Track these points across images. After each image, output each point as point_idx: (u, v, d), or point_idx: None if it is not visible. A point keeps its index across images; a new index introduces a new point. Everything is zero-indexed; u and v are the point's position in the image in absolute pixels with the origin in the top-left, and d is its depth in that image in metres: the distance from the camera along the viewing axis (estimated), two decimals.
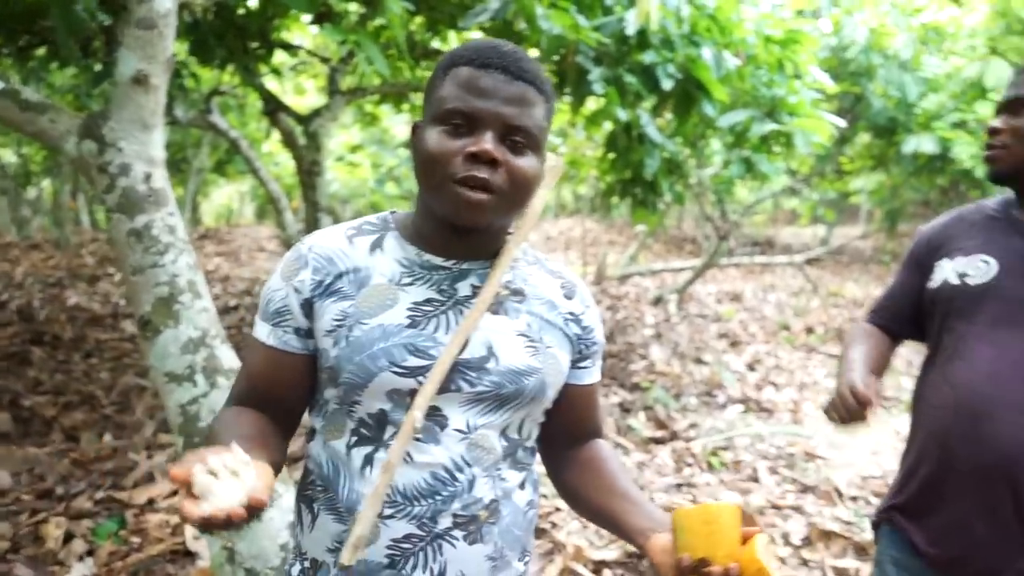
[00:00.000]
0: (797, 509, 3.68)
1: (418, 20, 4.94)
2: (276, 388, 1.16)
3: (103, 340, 5.93)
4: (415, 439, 1.08)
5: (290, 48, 5.86)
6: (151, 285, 2.43)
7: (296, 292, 1.13)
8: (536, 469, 1.24)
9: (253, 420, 1.13)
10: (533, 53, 3.89)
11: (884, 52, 7.43)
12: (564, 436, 1.26)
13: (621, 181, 5.46)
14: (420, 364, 1.07)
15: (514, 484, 1.16)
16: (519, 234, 1.17)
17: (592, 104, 4.88)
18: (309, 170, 5.68)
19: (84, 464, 3.76)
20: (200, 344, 2.44)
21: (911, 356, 6.29)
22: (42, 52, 4.62)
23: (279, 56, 6.31)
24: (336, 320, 1.10)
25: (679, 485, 3.92)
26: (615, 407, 5.10)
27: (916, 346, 1.74)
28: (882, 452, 4.51)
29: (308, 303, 1.12)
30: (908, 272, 1.73)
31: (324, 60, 6.23)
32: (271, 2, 4.31)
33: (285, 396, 1.17)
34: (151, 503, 3.38)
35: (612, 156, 5.16)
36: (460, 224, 1.07)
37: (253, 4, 4.48)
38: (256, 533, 2.24)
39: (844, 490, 3.90)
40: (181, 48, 4.73)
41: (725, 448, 4.49)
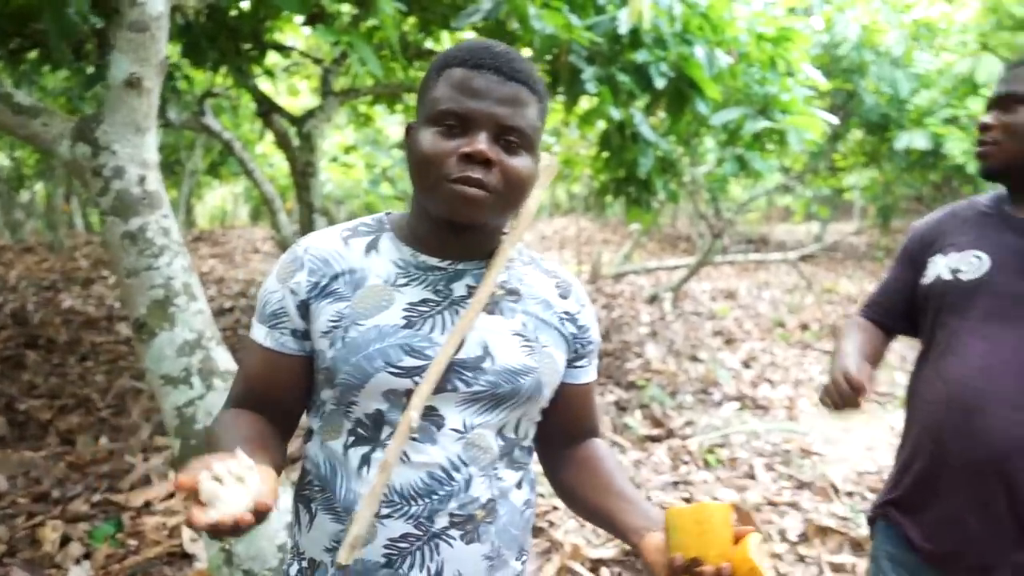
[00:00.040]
0: (793, 505, 3.69)
1: (411, 21, 4.93)
2: (274, 390, 1.17)
3: (98, 343, 5.92)
4: (412, 439, 1.09)
5: (283, 49, 5.85)
6: (146, 288, 2.43)
7: (292, 294, 1.13)
8: (533, 468, 1.25)
9: (252, 422, 1.13)
10: (526, 53, 3.90)
11: (876, 49, 7.45)
12: (561, 435, 1.26)
13: (615, 180, 5.47)
14: (416, 364, 1.08)
15: (511, 483, 1.17)
16: (514, 234, 1.17)
17: (585, 103, 4.89)
18: (303, 171, 5.68)
19: (80, 467, 3.76)
20: (196, 346, 2.44)
21: (905, 352, 6.31)
22: (34, 55, 4.61)
23: (272, 57, 6.30)
24: (332, 321, 1.10)
25: (676, 483, 3.93)
26: (611, 405, 5.11)
27: (910, 342, 1.75)
28: (877, 447, 4.53)
29: (304, 305, 1.13)
30: (901, 268, 1.74)
31: (317, 61, 6.21)
32: (263, 3, 4.30)
33: (283, 398, 1.17)
34: (148, 506, 3.38)
35: (606, 155, 5.17)
36: (457, 221, 1.07)
37: (245, 6, 4.47)
38: (253, 534, 2.24)
39: (840, 486, 3.92)
40: (174, 50, 4.73)
41: (721, 445, 4.50)
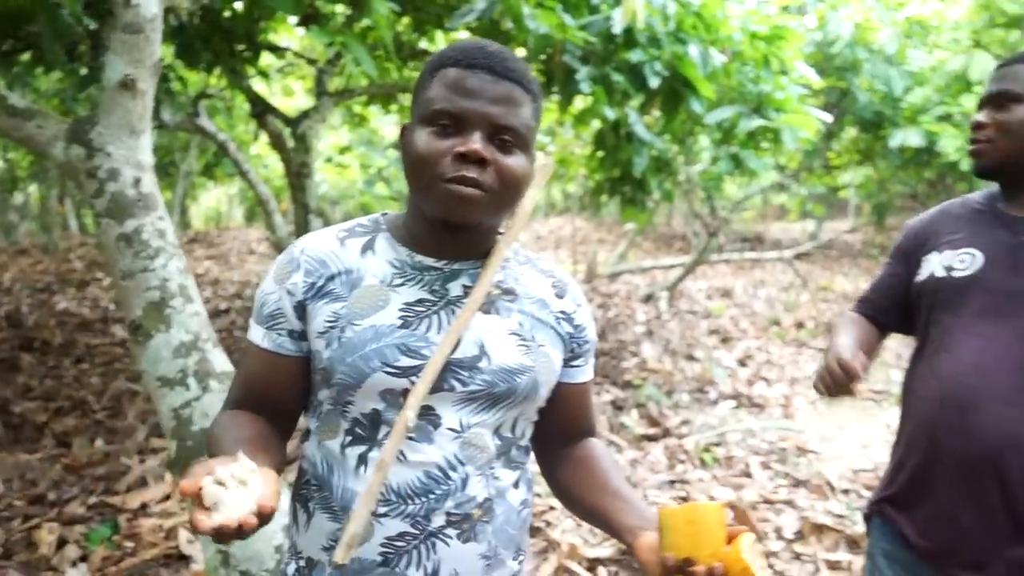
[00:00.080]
0: (789, 503, 3.70)
1: (405, 21, 4.94)
2: (272, 390, 1.17)
3: (93, 345, 5.91)
4: (408, 438, 1.09)
5: (277, 50, 5.84)
6: (142, 289, 2.43)
7: (289, 295, 1.13)
8: (530, 468, 1.25)
9: (251, 423, 1.14)
10: (520, 53, 3.90)
11: (869, 47, 7.47)
12: (557, 435, 1.27)
13: (610, 179, 5.48)
14: (412, 364, 1.08)
15: (508, 483, 1.17)
16: (510, 234, 1.17)
17: (580, 103, 4.89)
18: (298, 172, 5.67)
19: (76, 469, 3.75)
20: (192, 348, 2.44)
21: (900, 349, 6.33)
22: (27, 57, 4.60)
23: (266, 58, 6.29)
24: (328, 322, 1.10)
25: (672, 482, 3.94)
26: (607, 405, 5.11)
27: (905, 339, 1.75)
28: (873, 445, 4.54)
29: (301, 305, 1.13)
30: (895, 265, 1.74)
31: (311, 62, 6.21)
32: (257, 4, 4.29)
33: (281, 398, 1.18)
34: (144, 507, 3.38)
35: (601, 154, 5.18)
36: (452, 221, 1.07)
37: (239, 7, 4.47)
38: (251, 536, 2.24)
39: (836, 484, 3.93)
40: (168, 52, 4.72)
41: (717, 444, 4.51)
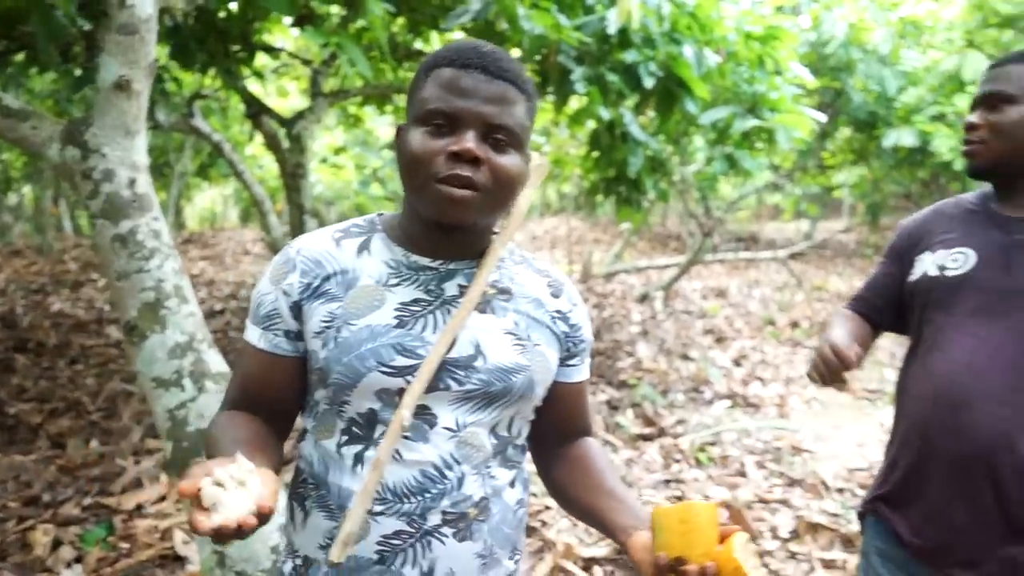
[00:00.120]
0: (784, 502, 3.71)
1: (400, 21, 4.94)
2: (269, 391, 1.17)
3: (88, 346, 5.90)
4: (405, 437, 1.09)
5: (272, 51, 5.84)
6: (137, 290, 2.43)
7: (285, 295, 1.13)
8: (527, 468, 1.25)
9: (249, 424, 1.14)
10: (515, 53, 3.91)
11: (863, 47, 7.50)
12: (553, 434, 1.27)
13: (605, 179, 5.48)
14: (408, 364, 1.08)
15: (504, 482, 1.17)
16: (505, 233, 1.17)
17: (575, 103, 4.90)
18: (293, 172, 5.67)
19: (71, 470, 3.75)
20: (187, 349, 2.44)
21: (894, 348, 6.35)
22: (21, 58, 4.59)
23: (261, 59, 6.28)
24: (324, 322, 1.11)
25: (667, 481, 3.95)
26: (603, 404, 5.12)
27: (899, 338, 1.76)
28: (867, 444, 4.56)
29: (297, 306, 1.13)
30: (889, 264, 1.75)
31: (306, 62, 6.20)
32: (252, 5, 4.29)
33: (278, 398, 1.18)
34: (139, 508, 3.37)
35: (596, 154, 5.19)
36: (445, 222, 1.08)
37: (234, 7, 4.46)
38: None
39: (830, 483, 3.94)
40: (162, 52, 4.71)
41: (712, 444, 4.51)
